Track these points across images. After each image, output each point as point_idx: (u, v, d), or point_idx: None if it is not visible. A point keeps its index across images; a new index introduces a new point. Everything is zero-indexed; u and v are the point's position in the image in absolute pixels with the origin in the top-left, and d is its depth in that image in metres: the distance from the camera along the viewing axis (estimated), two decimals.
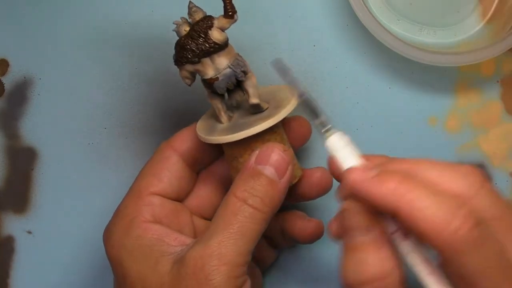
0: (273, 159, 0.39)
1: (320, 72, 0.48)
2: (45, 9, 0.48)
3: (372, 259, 0.33)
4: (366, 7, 0.45)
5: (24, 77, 0.49)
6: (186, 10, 0.40)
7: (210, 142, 0.40)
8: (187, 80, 0.40)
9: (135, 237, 0.39)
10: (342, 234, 0.34)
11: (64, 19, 0.48)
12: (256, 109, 0.41)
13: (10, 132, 0.48)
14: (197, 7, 0.39)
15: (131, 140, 0.48)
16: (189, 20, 0.40)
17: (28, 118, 0.48)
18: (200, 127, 0.42)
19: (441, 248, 0.31)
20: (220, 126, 0.41)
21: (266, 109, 0.41)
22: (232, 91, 0.41)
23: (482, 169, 0.33)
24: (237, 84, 0.40)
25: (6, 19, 0.49)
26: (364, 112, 0.48)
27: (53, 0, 0.48)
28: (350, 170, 0.34)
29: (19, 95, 0.48)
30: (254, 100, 0.40)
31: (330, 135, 0.35)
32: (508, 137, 0.48)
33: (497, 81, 0.48)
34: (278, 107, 0.40)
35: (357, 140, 0.47)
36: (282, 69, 0.38)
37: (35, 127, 0.48)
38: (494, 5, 0.47)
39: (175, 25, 0.40)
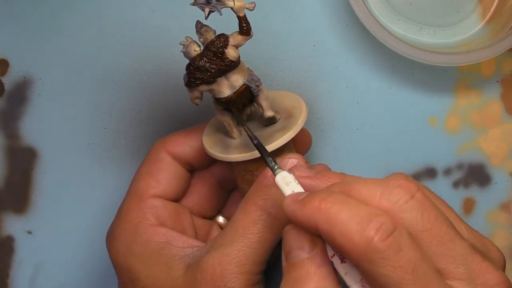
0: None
1: (320, 72, 0.48)
2: (45, 9, 0.48)
3: (312, 275, 0.33)
4: (366, 7, 0.45)
5: (24, 77, 0.49)
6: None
7: (229, 161, 0.40)
8: (197, 100, 0.40)
9: (142, 242, 0.39)
10: (284, 258, 0.34)
11: (64, 19, 0.48)
12: (270, 121, 0.41)
13: (10, 132, 0.48)
14: (206, 26, 0.39)
15: (131, 140, 0.48)
16: (197, 40, 0.39)
17: (28, 118, 0.48)
18: (210, 143, 0.41)
19: (357, 259, 0.31)
20: (232, 141, 0.41)
21: (279, 119, 0.41)
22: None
23: (411, 180, 0.34)
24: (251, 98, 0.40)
25: (6, 19, 0.48)
26: (364, 112, 0.48)
27: (53, 0, 0.48)
28: (285, 197, 0.34)
29: (19, 95, 0.48)
30: (269, 113, 0.40)
31: (278, 173, 0.36)
32: (508, 137, 0.48)
33: (497, 81, 0.48)
34: (290, 116, 0.40)
35: (357, 140, 0.48)
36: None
37: (35, 127, 0.48)
38: (494, 5, 0.47)
39: (182, 46, 0.39)
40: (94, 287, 0.48)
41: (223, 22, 0.38)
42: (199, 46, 0.39)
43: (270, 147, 0.39)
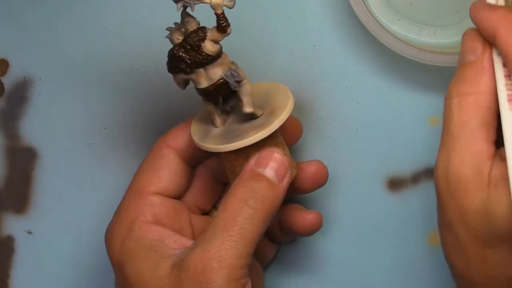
0: (273, 163, 0.39)
1: (320, 72, 0.48)
2: (45, 9, 0.48)
3: (475, 75, 0.36)
4: (366, 7, 0.45)
5: (24, 77, 0.49)
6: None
7: (203, 149, 0.40)
8: (180, 86, 0.40)
9: (135, 238, 0.39)
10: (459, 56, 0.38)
11: (64, 19, 0.48)
12: (250, 117, 0.41)
13: (10, 132, 0.48)
14: (190, 16, 0.39)
15: (131, 140, 0.48)
16: (182, 29, 0.39)
17: (28, 118, 0.48)
18: (195, 130, 0.41)
19: None
20: (214, 130, 0.41)
21: (261, 115, 0.41)
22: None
23: None
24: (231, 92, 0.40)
25: (6, 19, 0.49)
26: (364, 112, 0.48)
27: (53, 0, 0.48)
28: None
29: (19, 95, 0.48)
30: (248, 110, 0.40)
31: None
32: None
33: None
34: (271, 114, 0.40)
35: (357, 140, 0.48)
36: None
37: (35, 127, 0.48)
38: None
39: (168, 32, 0.39)
40: (94, 287, 0.48)
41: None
42: (183, 34, 0.39)
43: (239, 144, 0.39)
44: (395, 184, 0.47)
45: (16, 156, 0.48)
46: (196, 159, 0.43)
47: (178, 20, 0.40)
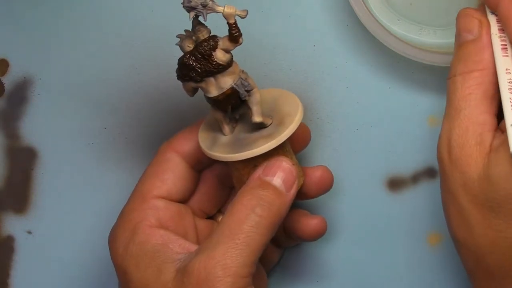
0: (281, 172, 0.39)
1: (320, 72, 0.48)
2: (45, 9, 0.48)
3: (476, 53, 0.38)
4: (366, 7, 0.45)
5: (24, 77, 0.49)
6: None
7: (211, 157, 0.40)
8: (189, 93, 0.40)
9: (139, 242, 0.39)
10: (455, 39, 0.39)
11: (64, 19, 0.48)
12: (259, 126, 0.41)
13: (10, 132, 0.48)
14: (201, 25, 0.39)
15: (131, 140, 0.48)
16: (193, 37, 0.39)
17: (28, 118, 0.48)
18: (203, 137, 0.41)
19: None
20: (222, 138, 0.41)
21: (270, 124, 0.41)
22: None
23: None
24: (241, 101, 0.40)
25: (6, 19, 0.49)
26: (364, 112, 0.48)
27: (53, 0, 0.48)
28: None
29: (19, 95, 0.48)
30: (257, 119, 0.40)
31: None
32: None
33: None
34: (281, 124, 0.40)
35: (357, 140, 0.48)
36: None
37: (35, 127, 0.48)
38: None
39: (179, 39, 0.39)
40: (93, 287, 0.48)
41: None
42: (194, 42, 0.39)
43: (247, 154, 0.39)
44: (395, 184, 0.47)
45: (16, 156, 0.48)
46: (202, 164, 0.43)
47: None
